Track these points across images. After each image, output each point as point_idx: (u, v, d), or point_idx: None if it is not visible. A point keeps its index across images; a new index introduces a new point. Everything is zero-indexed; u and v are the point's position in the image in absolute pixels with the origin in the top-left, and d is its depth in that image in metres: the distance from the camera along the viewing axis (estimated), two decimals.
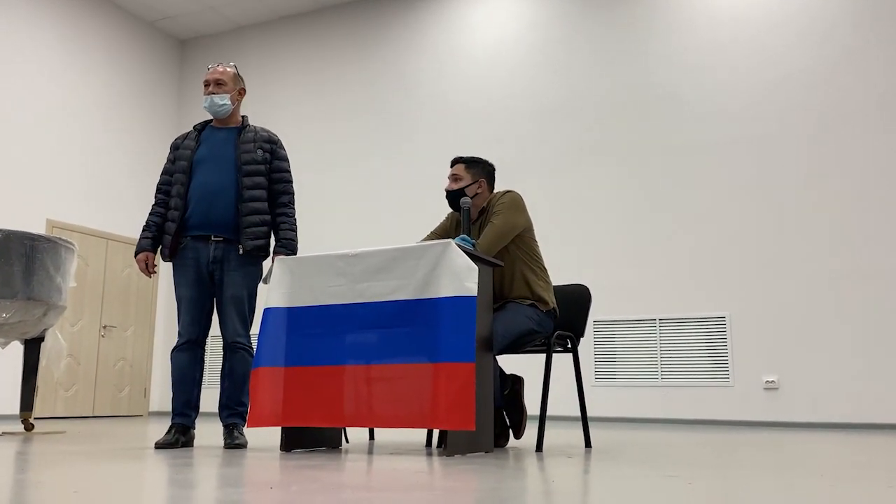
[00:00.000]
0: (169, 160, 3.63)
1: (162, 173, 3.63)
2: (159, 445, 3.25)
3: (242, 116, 3.68)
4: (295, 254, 3.48)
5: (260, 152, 3.54)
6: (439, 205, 7.23)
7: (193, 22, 9.10)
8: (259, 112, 8.83)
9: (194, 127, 3.65)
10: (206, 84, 3.57)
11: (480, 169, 3.49)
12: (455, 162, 3.51)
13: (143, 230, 3.55)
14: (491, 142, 7.53)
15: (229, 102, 3.56)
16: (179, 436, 3.34)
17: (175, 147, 3.63)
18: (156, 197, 3.61)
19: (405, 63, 8.20)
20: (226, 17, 8.99)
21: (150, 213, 3.58)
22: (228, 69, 3.61)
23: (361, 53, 8.46)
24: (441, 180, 7.46)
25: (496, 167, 3.65)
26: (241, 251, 3.44)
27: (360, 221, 8.04)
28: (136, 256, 3.53)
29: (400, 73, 8.20)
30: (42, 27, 7.81)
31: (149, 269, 3.52)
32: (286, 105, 8.76)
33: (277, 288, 3.19)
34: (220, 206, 3.44)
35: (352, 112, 8.38)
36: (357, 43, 8.51)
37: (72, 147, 7.98)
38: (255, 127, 3.64)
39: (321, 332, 3.06)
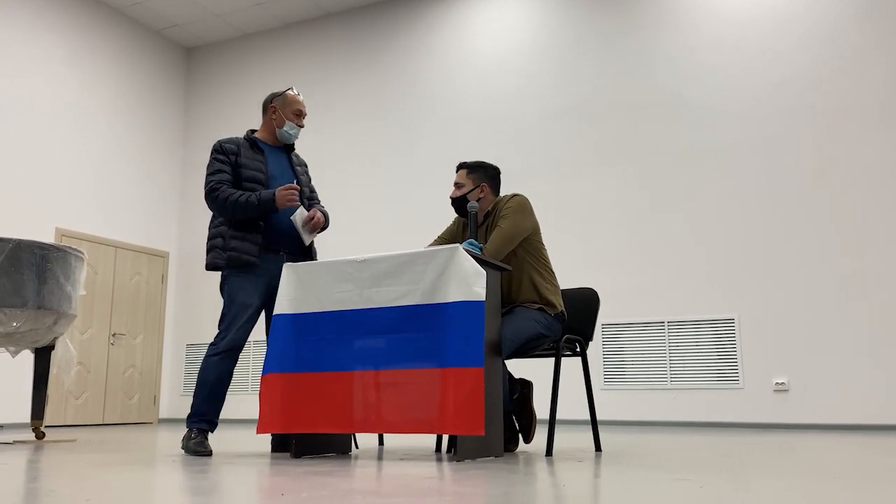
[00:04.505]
0: (223, 162, 3.48)
1: (218, 171, 3.46)
2: (198, 453, 3.24)
3: None
4: (327, 227, 3.64)
5: (306, 177, 3.78)
6: (446, 209, 7.22)
7: (199, 30, 9.15)
8: None
9: (245, 138, 3.60)
10: (299, 114, 3.66)
11: (482, 173, 3.49)
12: (458, 168, 3.53)
13: (247, 194, 3.38)
14: (498, 146, 7.53)
15: None
16: (207, 443, 3.35)
17: (232, 153, 3.50)
18: (224, 188, 3.41)
19: (412, 69, 8.21)
20: (231, 24, 9.03)
21: (238, 194, 3.38)
22: None
23: (368, 60, 8.48)
24: (448, 186, 7.47)
25: (503, 171, 3.65)
26: None
27: (368, 227, 8.05)
28: (276, 195, 3.35)
29: (407, 79, 8.22)
30: (49, 36, 7.87)
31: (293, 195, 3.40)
32: None
33: (286, 294, 3.19)
34: (289, 223, 3.53)
35: (358, 118, 8.39)
36: (363, 50, 8.53)
37: (80, 156, 8.03)
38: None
39: (329, 338, 3.06)
